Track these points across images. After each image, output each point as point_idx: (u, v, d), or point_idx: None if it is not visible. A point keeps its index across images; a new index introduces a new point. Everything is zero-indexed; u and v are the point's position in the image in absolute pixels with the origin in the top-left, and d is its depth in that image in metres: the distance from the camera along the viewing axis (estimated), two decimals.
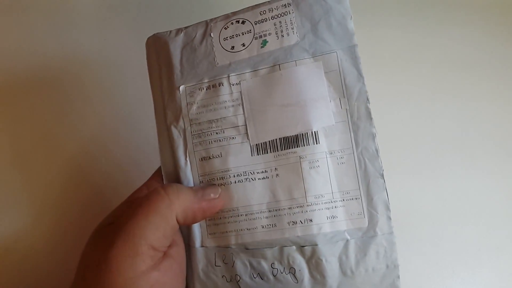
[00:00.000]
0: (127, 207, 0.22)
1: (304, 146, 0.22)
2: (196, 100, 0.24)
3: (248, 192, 0.23)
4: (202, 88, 0.24)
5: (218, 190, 0.23)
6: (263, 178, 0.23)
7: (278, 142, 0.23)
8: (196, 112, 0.24)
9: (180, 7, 0.40)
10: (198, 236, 0.24)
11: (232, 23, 0.25)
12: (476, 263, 0.34)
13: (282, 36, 0.24)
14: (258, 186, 0.23)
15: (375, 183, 0.22)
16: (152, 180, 0.25)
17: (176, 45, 0.25)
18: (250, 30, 0.24)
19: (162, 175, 0.25)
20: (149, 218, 0.20)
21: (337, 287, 0.22)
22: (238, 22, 0.25)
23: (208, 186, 0.23)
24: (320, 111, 0.23)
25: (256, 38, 0.24)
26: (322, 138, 0.22)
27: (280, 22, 0.24)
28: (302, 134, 0.23)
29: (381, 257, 0.21)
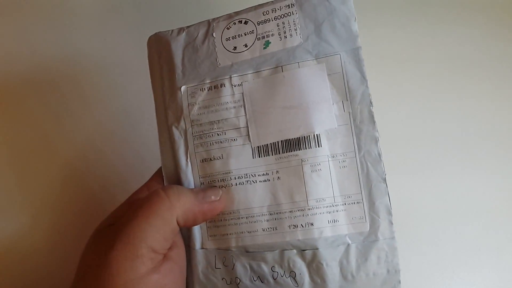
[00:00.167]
0: (127, 209, 0.22)
1: (306, 149, 0.22)
2: (198, 100, 0.24)
3: (249, 195, 0.23)
4: (204, 88, 0.24)
5: (219, 192, 0.23)
6: (264, 180, 0.23)
7: (280, 144, 0.23)
8: (197, 113, 0.24)
9: (180, 8, 0.39)
10: (198, 238, 0.24)
11: (234, 23, 0.24)
12: (476, 263, 0.34)
13: (285, 37, 0.23)
14: (259, 189, 0.23)
15: (377, 188, 0.22)
16: (152, 181, 0.25)
17: (178, 44, 0.25)
18: (253, 31, 0.24)
19: (163, 176, 0.25)
20: (149, 220, 0.20)
21: None
22: (240, 22, 0.24)
23: (209, 188, 0.23)
24: (322, 114, 0.22)
25: (258, 39, 0.24)
26: (324, 141, 0.22)
27: (283, 23, 0.23)
28: (304, 137, 0.22)
29: (382, 262, 0.21)
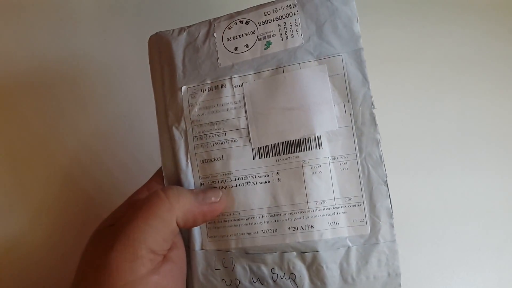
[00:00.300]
0: (127, 209, 0.22)
1: (306, 150, 0.22)
2: (198, 101, 0.24)
3: (249, 196, 0.23)
4: (204, 89, 0.24)
5: (219, 193, 0.23)
6: (265, 182, 0.23)
7: (280, 146, 0.23)
8: (197, 113, 0.24)
9: (181, 8, 0.39)
10: (198, 239, 0.23)
11: (235, 23, 0.24)
12: (476, 263, 0.34)
13: (286, 37, 0.23)
14: (259, 190, 0.23)
15: (378, 190, 0.22)
16: (152, 181, 0.25)
17: (178, 44, 0.25)
18: (254, 31, 0.24)
19: (163, 176, 0.25)
20: (149, 222, 0.20)
21: None
22: (242, 22, 0.24)
23: (209, 189, 0.23)
24: (323, 115, 0.22)
25: (259, 39, 0.24)
26: (325, 143, 0.22)
27: (285, 23, 0.23)
28: (305, 139, 0.22)
29: (382, 265, 0.21)
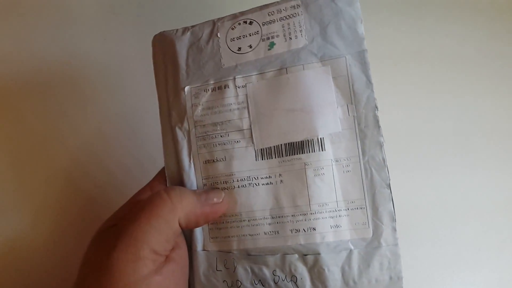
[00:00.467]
0: (129, 210, 0.22)
1: (309, 152, 0.22)
2: (201, 101, 0.24)
3: (251, 198, 0.23)
4: (208, 89, 0.24)
5: (222, 194, 0.23)
6: (267, 183, 0.23)
7: (283, 147, 0.22)
8: (201, 114, 0.24)
9: (181, 8, 0.39)
10: (200, 239, 0.24)
11: (239, 24, 0.24)
12: (476, 263, 0.34)
13: (290, 38, 0.23)
14: (262, 192, 0.23)
15: (381, 193, 0.21)
16: (155, 181, 0.25)
17: (182, 44, 0.25)
18: (258, 32, 0.24)
19: (166, 176, 0.25)
20: (151, 222, 0.20)
21: None
22: (245, 22, 0.24)
23: (211, 190, 0.23)
24: (326, 117, 0.22)
25: (263, 40, 0.23)
26: (328, 145, 0.22)
27: (289, 24, 0.23)
28: (307, 140, 0.22)
29: (384, 268, 0.21)
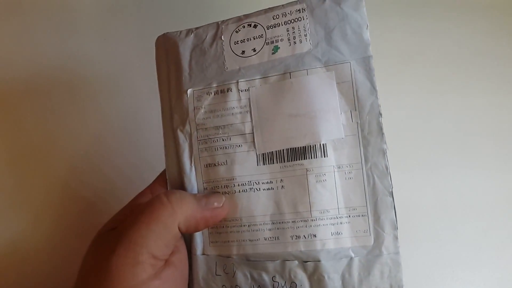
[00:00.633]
0: (129, 213, 0.22)
1: (311, 158, 0.22)
2: (204, 104, 0.24)
3: (252, 203, 0.23)
4: (210, 92, 0.24)
5: (222, 198, 0.23)
6: (268, 189, 0.22)
7: (285, 153, 0.22)
8: (203, 117, 0.24)
9: (181, 10, 0.39)
10: (199, 243, 0.23)
11: (243, 27, 0.24)
12: (476, 263, 0.34)
13: (295, 43, 0.23)
14: (263, 197, 0.22)
15: (383, 201, 0.21)
16: (156, 184, 0.25)
17: (185, 46, 0.25)
18: (262, 35, 0.23)
19: (166, 179, 0.25)
20: (150, 227, 0.20)
21: None
22: (250, 25, 0.24)
23: (212, 194, 0.23)
24: (329, 123, 0.22)
25: (267, 44, 0.23)
26: (330, 151, 0.22)
27: (293, 28, 0.23)
28: (310, 146, 0.22)
29: (385, 277, 0.21)
